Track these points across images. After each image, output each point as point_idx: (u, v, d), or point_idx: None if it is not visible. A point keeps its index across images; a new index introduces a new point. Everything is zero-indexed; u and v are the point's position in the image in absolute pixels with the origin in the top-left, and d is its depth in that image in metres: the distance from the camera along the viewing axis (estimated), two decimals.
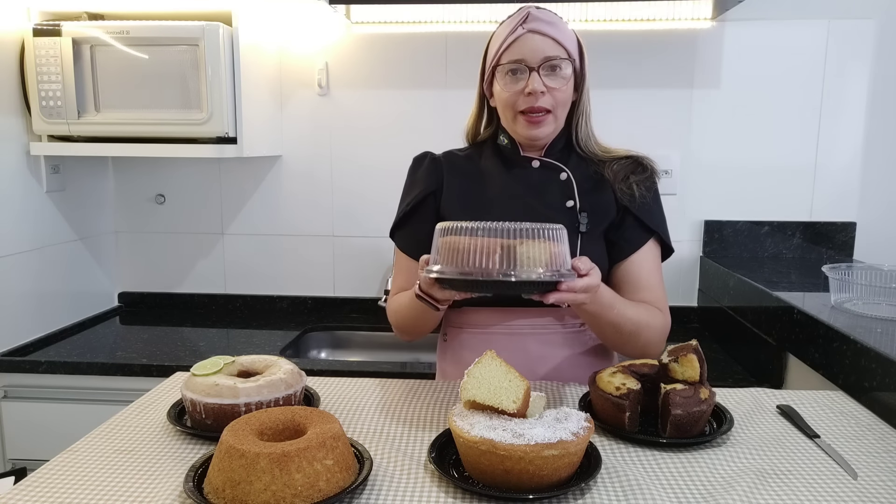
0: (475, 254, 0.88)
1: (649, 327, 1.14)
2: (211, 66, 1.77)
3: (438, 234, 0.94)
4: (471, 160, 1.28)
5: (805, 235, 2.03)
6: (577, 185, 1.21)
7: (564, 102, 1.18)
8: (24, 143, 1.84)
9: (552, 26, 1.15)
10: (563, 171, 1.22)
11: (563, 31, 1.16)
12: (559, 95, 1.16)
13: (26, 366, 1.71)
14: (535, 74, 1.13)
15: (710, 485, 0.82)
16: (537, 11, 1.16)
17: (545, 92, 1.14)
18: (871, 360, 1.10)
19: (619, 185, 1.21)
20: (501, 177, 1.24)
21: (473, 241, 0.89)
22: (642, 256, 1.20)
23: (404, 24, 2.06)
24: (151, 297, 2.27)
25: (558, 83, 1.15)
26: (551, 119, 1.17)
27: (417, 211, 1.25)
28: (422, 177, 1.27)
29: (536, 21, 1.15)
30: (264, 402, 0.94)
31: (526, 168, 1.24)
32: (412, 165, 1.31)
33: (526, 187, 1.22)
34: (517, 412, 0.83)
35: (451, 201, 1.23)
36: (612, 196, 1.21)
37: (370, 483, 0.82)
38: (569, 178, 1.22)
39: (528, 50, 1.14)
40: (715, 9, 1.91)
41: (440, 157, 1.29)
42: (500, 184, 1.23)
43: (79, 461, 0.88)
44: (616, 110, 2.03)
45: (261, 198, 2.19)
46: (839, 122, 2.00)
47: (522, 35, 1.14)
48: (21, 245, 1.82)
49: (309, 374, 1.15)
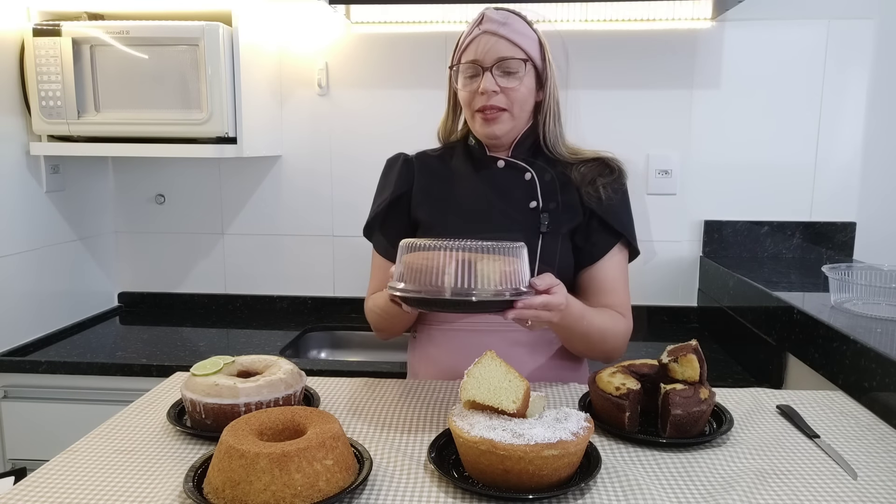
0: (435, 273, 0.91)
1: (615, 334, 1.17)
2: (211, 66, 1.77)
3: (402, 251, 0.96)
4: (442, 160, 1.30)
5: (805, 235, 2.03)
6: (542, 186, 1.22)
7: (522, 101, 1.19)
8: (24, 143, 1.84)
9: (506, 27, 1.17)
10: (527, 172, 1.23)
11: (518, 32, 1.18)
12: (514, 95, 1.17)
13: (26, 366, 1.71)
14: (488, 74, 1.16)
15: (710, 485, 0.82)
16: (493, 13, 1.18)
17: (497, 91, 1.16)
18: (870, 360, 1.10)
19: (585, 187, 1.22)
20: (469, 177, 1.26)
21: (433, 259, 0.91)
22: (609, 261, 1.22)
23: (404, 24, 2.06)
24: (151, 297, 2.27)
25: (512, 83, 1.17)
26: (507, 117, 1.19)
27: (390, 212, 1.28)
28: (393, 178, 1.29)
29: (490, 22, 1.17)
30: (264, 402, 0.94)
31: (492, 168, 1.25)
32: (385, 166, 1.33)
33: (491, 187, 1.24)
34: (517, 412, 0.83)
35: (420, 202, 1.26)
36: (579, 198, 1.22)
37: (370, 483, 0.82)
38: (532, 179, 1.23)
39: (482, 50, 1.16)
40: (715, 9, 1.91)
41: (412, 158, 1.31)
42: (468, 184, 1.25)
43: (79, 461, 0.88)
44: (616, 110, 2.03)
45: (261, 198, 2.19)
46: (839, 123, 2.00)
47: (478, 36, 1.17)
48: (21, 245, 1.82)
49: (309, 374, 1.15)
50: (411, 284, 0.92)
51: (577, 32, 2.00)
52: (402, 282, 0.94)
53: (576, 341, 1.16)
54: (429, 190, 1.27)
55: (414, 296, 0.92)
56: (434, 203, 1.25)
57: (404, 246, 0.96)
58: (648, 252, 2.08)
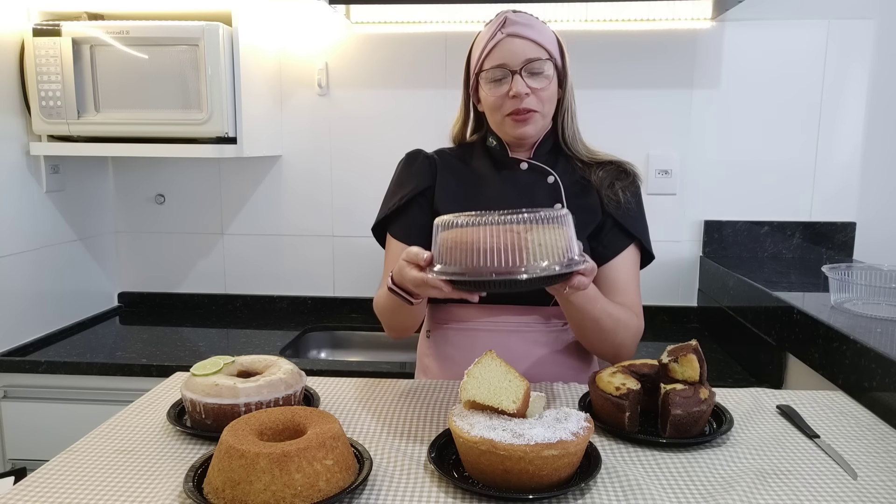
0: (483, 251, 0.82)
1: (626, 327, 1.17)
2: (211, 66, 1.77)
3: (439, 229, 0.91)
4: (462, 160, 1.30)
5: (805, 235, 2.03)
6: (565, 189, 1.23)
7: (550, 100, 1.20)
8: (24, 143, 1.84)
9: (530, 28, 1.17)
10: (550, 175, 1.24)
11: (541, 32, 1.18)
12: (543, 94, 1.18)
13: (26, 366, 1.71)
14: (518, 77, 1.16)
15: (710, 485, 0.82)
16: (514, 15, 1.19)
17: (529, 93, 1.16)
18: (870, 360, 1.10)
19: (605, 191, 1.23)
20: (492, 178, 1.26)
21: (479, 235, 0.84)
22: (621, 261, 1.22)
23: (404, 24, 2.06)
24: (151, 297, 2.27)
25: (541, 83, 1.17)
26: (538, 117, 1.20)
27: (411, 205, 1.26)
28: (417, 172, 1.28)
29: (514, 25, 1.17)
30: (264, 402, 0.94)
31: (514, 170, 1.26)
32: (405, 161, 1.32)
33: (515, 189, 1.24)
34: (517, 412, 0.83)
35: (444, 199, 1.25)
36: (598, 201, 1.23)
37: (370, 483, 0.82)
38: (556, 182, 1.24)
39: (509, 53, 1.16)
40: (715, 9, 1.91)
41: (434, 155, 1.31)
42: (492, 185, 1.25)
43: (79, 461, 0.88)
44: (616, 110, 2.03)
45: (261, 198, 2.19)
46: (839, 122, 2.00)
47: (502, 40, 1.17)
48: (21, 245, 1.82)
49: (309, 374, 1.15)
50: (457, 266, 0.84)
51: (577, 32, 2.00)
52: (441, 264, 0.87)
53: (588, 327, 1.14)
54: (452, 188, 1.26)
55: (469, 279, 0.84)
56: (458, 201, 1.24)
57: (441, 223, 0.90)
58: None
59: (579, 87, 2.05)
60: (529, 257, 0.83)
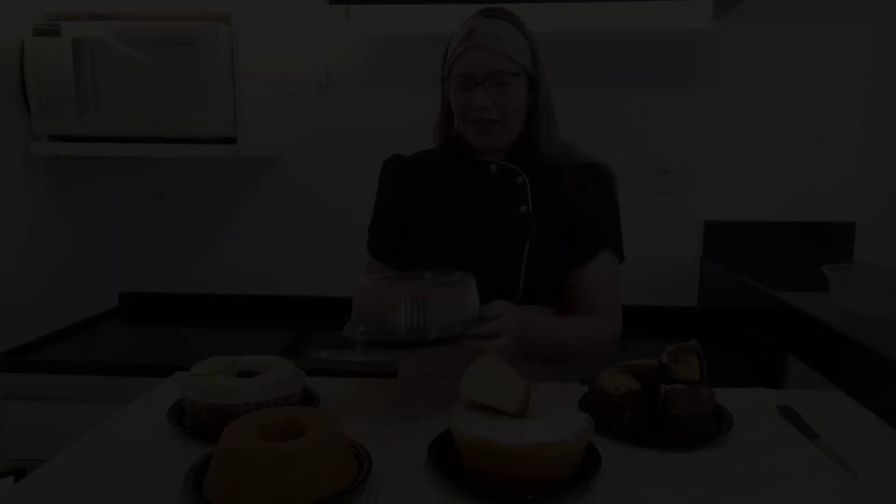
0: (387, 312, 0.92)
1: (594, 343, 1.19)
2: (211, 66, 1.77)
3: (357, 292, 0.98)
4: (436, 163, 1.30)
5: (805, 236, 2.03)
6: (533, 190, 1.22)
7: (515, 111, 1.18)
8: (24, 143, 1.84)
9: (497, 40, 1.15)
10: (519, 175, 1.23)
11: (510, 43, 1.15)
12: (507, 106, 1.17)
13: (26, 366, 1.71)
14: (480, 88, 1.15)
15: (710, 485, 0.82)
16: (484, 25, 1.16)
17: (490, 106, 1.15)
18: (870, 360, 1.10)
19: (575, 193, 1.21)
20: (461, 181, 1.26)
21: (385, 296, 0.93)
22: (595, 265, 1.21)
23: (404, 25, 2.06)
24: (151, 297, 2.26)
25: (505, 94, 1.15)
26: (500, 128, 1.18)
27: (383, 216, 1.30)
28: (387, 183, 1.31)
29: (482, 35, 1.15)
30: (264, 402, 0.94)
31: (485, 172, 1.25)
32: (381, 169, 1.34)
33: (483, 191, 1.23)
34: (517, 412, 0.83)
35: (410, 206, 1.27)
36: (568, 203, 1.21)
37: (370, 483, 0.82)
38: (524, 183, 1.22)
39: (474, 64, 1.15)
40: (715, 9, 1.92)
41: (408, 160, 1.32)
42: (459, 188, 1.25)
43: (79, 461, 0.88)
44: (616, 110, 2.03)
45: (261, 198, 2.19)
46: (839, 123, 2.00)
47: (469, 48, 1.15)
48: (21, 245, 1.82)
49: (309, 374, 1.15)
50: (367, 325, 0.94)
51: (576, 32, 2.00)
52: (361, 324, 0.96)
53: (556, 353, 1.18)
54: (422, 193, 1.27)
55: (374, 339, 0.94)
56: (424, 207, 1.25)
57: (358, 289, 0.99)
58: (648, 252, 2.07)
59: (579, 88, 2.07)
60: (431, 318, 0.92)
